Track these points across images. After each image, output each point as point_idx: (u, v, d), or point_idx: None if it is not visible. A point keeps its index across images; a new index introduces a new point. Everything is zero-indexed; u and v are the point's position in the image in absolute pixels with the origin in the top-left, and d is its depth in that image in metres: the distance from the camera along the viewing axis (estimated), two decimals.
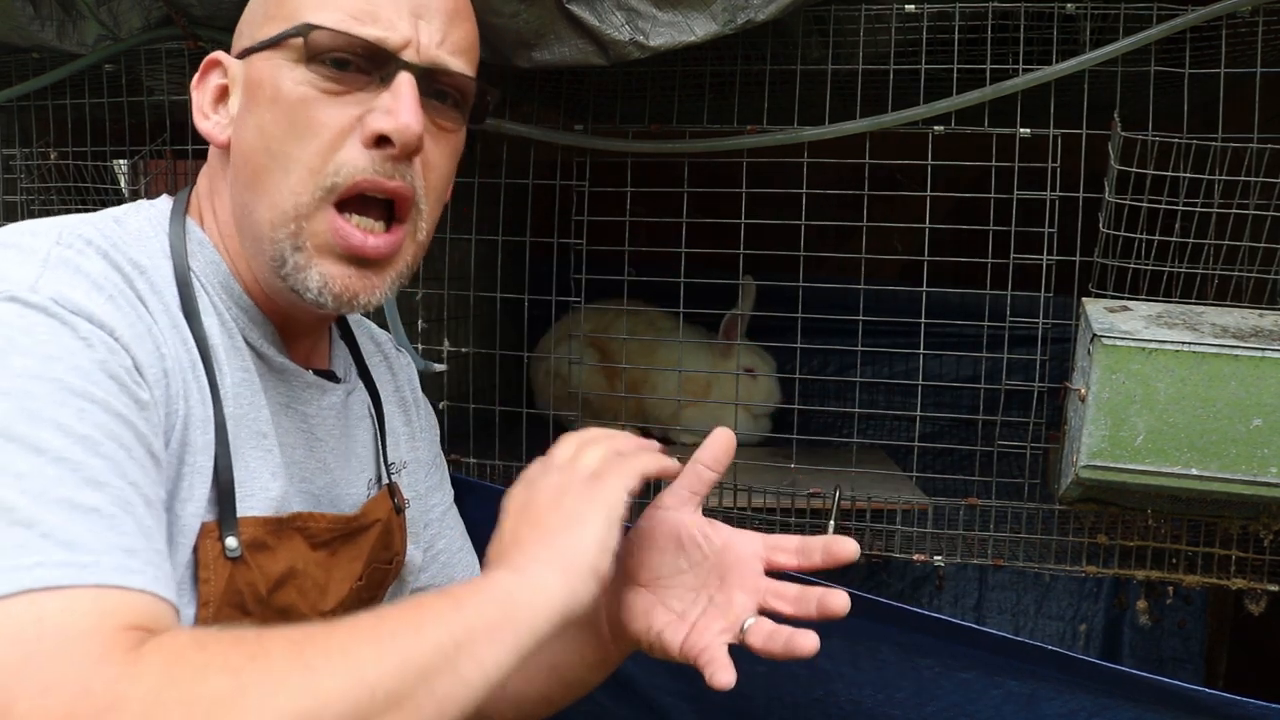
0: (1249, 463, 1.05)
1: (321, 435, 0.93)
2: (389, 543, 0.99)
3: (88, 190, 1.51)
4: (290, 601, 0.85)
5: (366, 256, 0.84)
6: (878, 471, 1.59)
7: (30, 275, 0.70)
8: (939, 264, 1.27)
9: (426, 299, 1.46)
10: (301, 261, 0.82)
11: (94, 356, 0.69)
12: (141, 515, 0.67)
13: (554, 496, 0.81)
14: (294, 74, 0.82)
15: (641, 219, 1.34)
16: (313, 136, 0.81)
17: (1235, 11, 1.10)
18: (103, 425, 0.67)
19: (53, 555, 0.61)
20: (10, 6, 1.30)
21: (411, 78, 0.82)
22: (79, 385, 0.67)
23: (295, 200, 0.82)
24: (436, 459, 1.14)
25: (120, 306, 0.74)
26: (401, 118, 0.81)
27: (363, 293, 0.85)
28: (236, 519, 0.80)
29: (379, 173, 0.82)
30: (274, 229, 0.82)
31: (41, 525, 0.62)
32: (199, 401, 0.79)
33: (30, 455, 0.63)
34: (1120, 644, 2.02)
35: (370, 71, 0.83)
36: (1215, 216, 1.15)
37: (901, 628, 1.14)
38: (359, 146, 0.82)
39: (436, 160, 0.88)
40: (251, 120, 0.84)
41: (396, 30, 0.82)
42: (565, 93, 1.37)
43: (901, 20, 1.20)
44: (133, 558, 0.65)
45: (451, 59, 0.86)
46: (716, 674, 0.82)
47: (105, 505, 0.65)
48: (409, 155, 0.83)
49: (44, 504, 0.62)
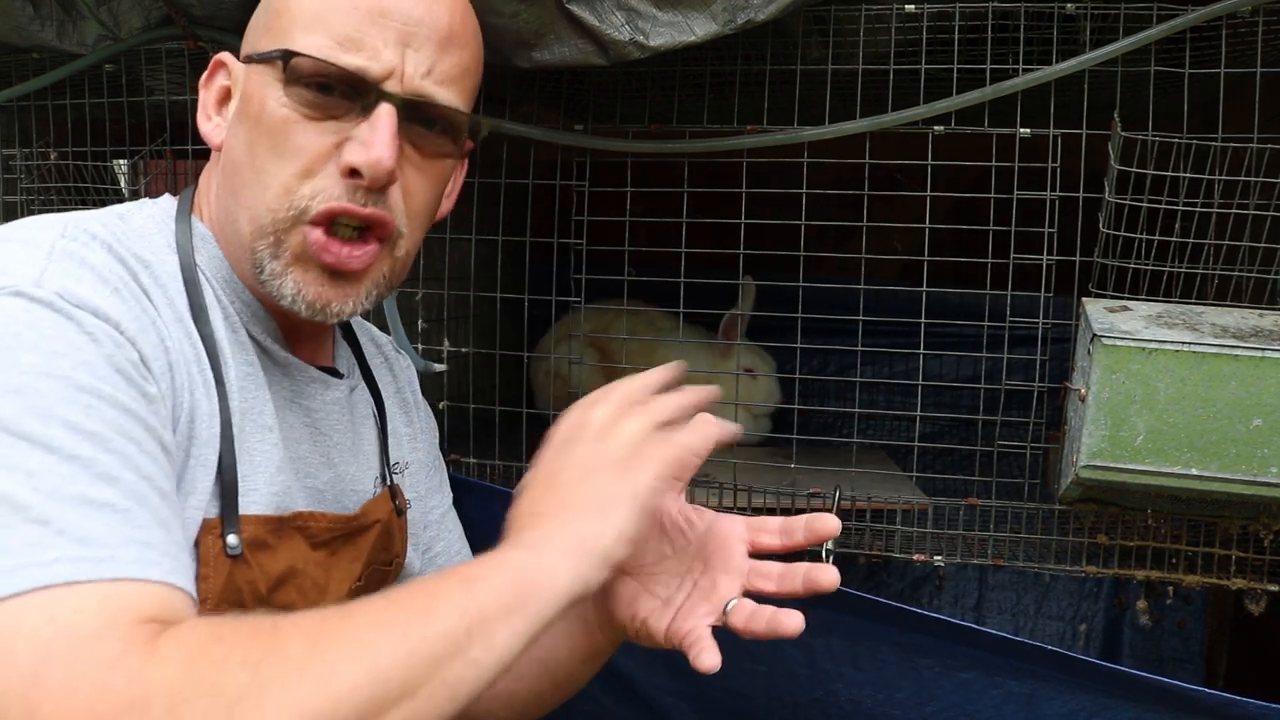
0: (1249, 463, 1.05)
1: (326, 430, 0.93)
2: (388, 544, 1.00)
3: (88, 190, 1.51)
4: (290, 601, 0.85)
5: (343, 270, 0.84)
6: (878, 471, 1.59)
7: (35, 269, 0.71)
8: (939, 264, 1.26)
9: (426, 299, 1.46)
10: (278, 269, 0.83)
11: (100, 351, 0.69)
12: (157, 507, 0.68)
13: (583, 472, 0.78)
14: (278, 94, 0.83)
15: (641, 219, 1.34)
16: (290, 159, 0.82)
17: (1235, 11, 1.10)
18: (111, 421, 0.67)
19: (68, 551, 0.61)
20: (10, 6, 1.30)
21: (391, 109, 0.82)
22: (86, 381, 0.67)
23: (272, 217, 0.83)
24: (436, 461, 1.14)
25: (125, 299, 0.74)
26: (373, 152, 0.81)
27: (335, 301, 0.85)
28: (238, 516, 0.80)
29: (353, 200, 0.83)
30: (254, 239, 0.84)
31: (57, 522, 0.62)
32: (204, 395, 0.80)
33: (41, 453, 0.64)
34: (1120, 644, 2.02)
35: (352, 99, 0.83)
36: (1215, 216, 1.15)
37: (901, 628, 1.14)
38: (335, 174, 0.82)
39: (418, 187, 0.88)
40: (240, 131, 0.85)
41: (380, 60, 0.82)
42: (565, 93, 1.37)
43: (901, 20, 1.20)
44: (149, 550, 0.65)
45: (438, 90, 0.86)
46: (701, 656, 0.82)
47: (119, 500, 0.65)
48: (380, 188, 0.83)
49: (58, 501, 0.63)
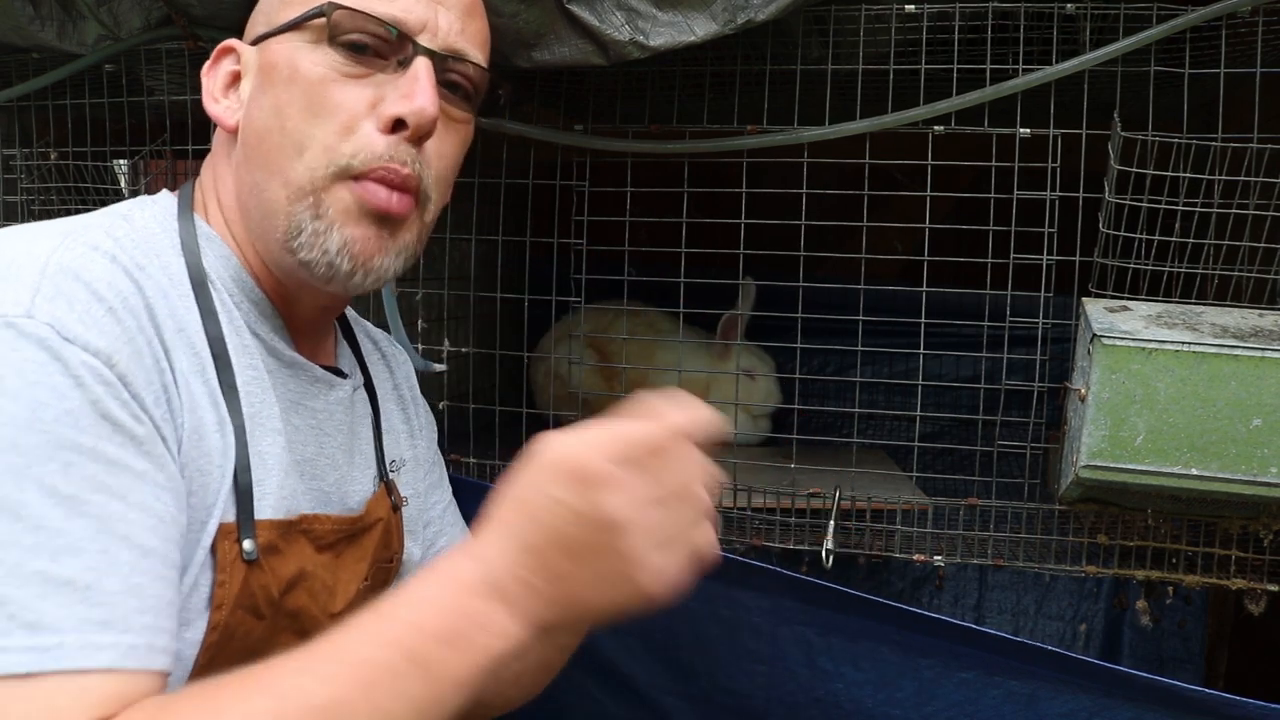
0: (1249, 463, 1.05)
1: (330, 431, 0.93)
2: (389, 542, 1.00)
3: (88, 190, 1.51)
4: (301, 604, 0.85)
5: (391, 213, 0.84)
6: (878, 471, 1.59)
7: (25, 294, 0.68)
8: (939, 264, 1.26)
9: (426, 299, 1.46)
10: (321, 228, 0.83)
11: (85, 397, 0.67)
12: (128, 571, 0.66)
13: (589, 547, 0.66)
14: (313, 55, 0.84)
15: (642, 219, 1.34)
16: (329, 117, 0.83)
17: (1235, 11, 1.10)
18: (91, 478, 0.66)
19: (17, 639, 0.61)
20: (10, 6, 1.30)
21: (429, 62, 0.84)
22: (67, 436, 0.65)
23: (310, 176, 0.82)
24: (435, 457, 1.14)
25: (121, 321, 0.72)
26: (417, 101, 0.82)
27: (378, 255, 0.85)
28: (254, 521, 0.80)
29: (394, 159, 0.83)
30: (290, 203, 0.83)
31: (11, 604, 0.61)
32: (209, 406, 0.78)
33: (8, 522, 0.62)
34: (1120, 644, 2.02)
35: (388, 55, 0.85)
36: (1215, 216, 1.15)
37: (901, 628, 1.14)
38: (375, 131, 0.83)
39: (445, 150, 0.90)
40: (266, 100, 0.85)
41: (414, 13, 0.85)
42: (565, 93, 1.37)
43: (901, 20, 1.20)
44: (104, 631, 0.64)
45: (469, 48, 0.89)
46: None
47: (81, 574, 0.64)
48: (422, 138, 0.85)
49: (17, 579, 0.62)
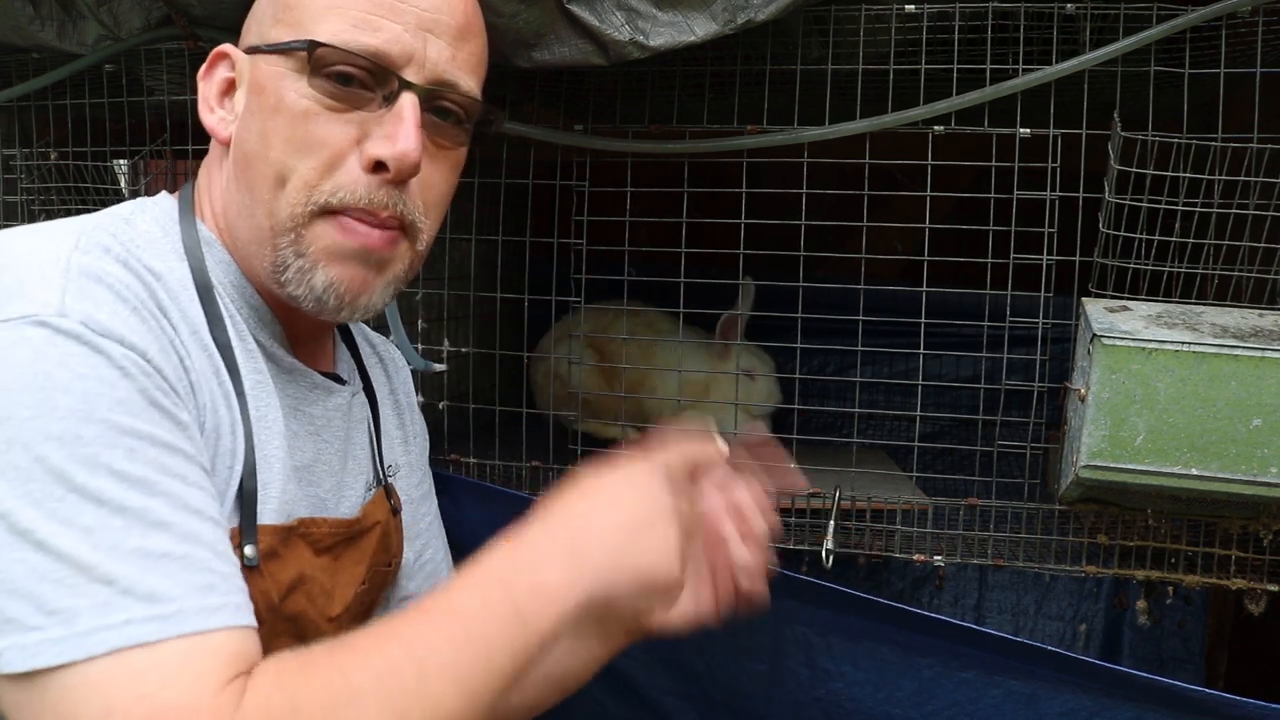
0: (1249, 463, 1.05)
1: (327, 438, 0.93)
2: (387, 545, 1.00)
3: (88, 190, 1.51)
4: (300, 608, 0.85)
5: (372, 249, 0.83)
6: (878, 471, 1.59)
7: (55, 294, 0.69)
8: (939, 264, 1.26)
9: (426, 299, 1.46)
10: (305, 266, 0.82)
11: (134, 386, 0.69)
12: (212, 540, 0.69)
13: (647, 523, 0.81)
14: (297, 85, 0.82)
15: (641, 219, 1.34)
16: (311, 153, 0.81)
17: (1235, 11, 1.10)
18: (154, 460, 0.68)
19: (137, 611, 0.63)
20: (10, 6, 1.30)
21: (415, 99, 0.82)
22: (125, 422, 0.67)
23: (290, 212, 0.82)
24: (426, 468, 1.14)
25: (145, 320, 0.73)
26: (399, 145, 0.81)
27: (364, 293, 0.85)
28: (256, 527, 0.80)
29: (374, 202, 0.82)
30: (274, 236, 0.82)
31: (121, 580, 0.63)
32: (225, 408, 0.79)
33: (93, 507, 0.64)
34: (1120, 644, 2.02)
35: (374, 88, 0.82)
36: (1215, 216, 1.15)
37: (901, 627, 1.14)
38: (358, 169, 0.82)
39: (434, 179, 0.88)
40: (254, 124, 0.84)
41: (400, 42, 0.82)
42: (565, 93, 1.37)
43: (901, 20, 1.20)
44: (210, 594, 0.66)
45: (460, 77, 0.86)
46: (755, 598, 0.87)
47: (174, 546, 0.66)
48: (404, 180, 0.83)
49: (118, 557, 0.63)
